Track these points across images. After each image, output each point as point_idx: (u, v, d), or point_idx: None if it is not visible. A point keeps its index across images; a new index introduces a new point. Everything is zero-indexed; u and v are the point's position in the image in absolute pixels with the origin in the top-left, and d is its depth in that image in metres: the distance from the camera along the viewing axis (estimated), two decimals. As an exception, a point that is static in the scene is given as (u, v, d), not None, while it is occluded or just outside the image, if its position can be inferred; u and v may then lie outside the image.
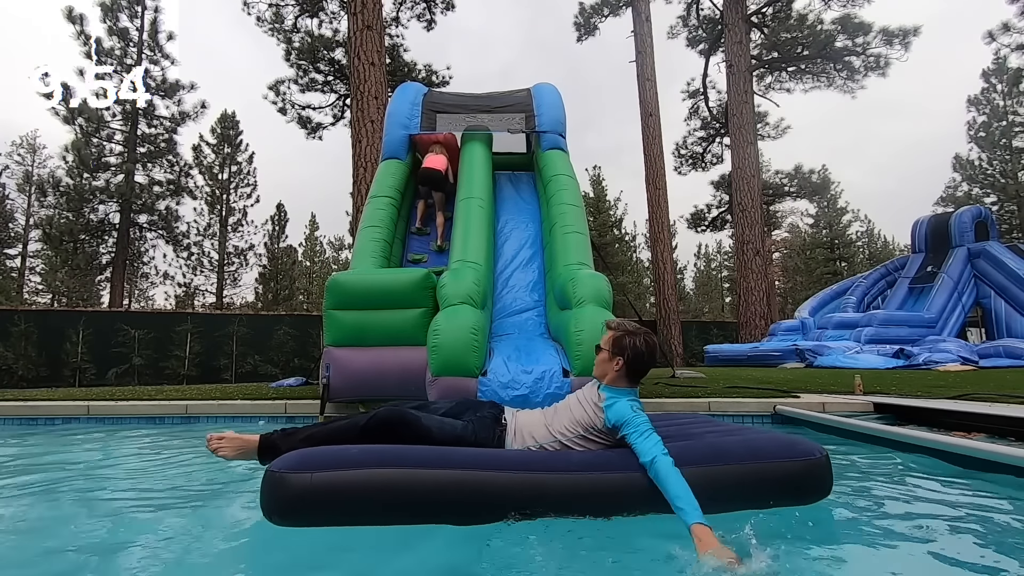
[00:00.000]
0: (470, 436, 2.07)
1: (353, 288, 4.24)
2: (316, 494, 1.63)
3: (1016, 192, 25.52)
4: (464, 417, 2.19)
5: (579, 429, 2.06)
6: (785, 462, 1.87)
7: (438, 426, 2.06)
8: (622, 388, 2.07)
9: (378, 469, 1.70)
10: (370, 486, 1.67)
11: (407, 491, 1.69)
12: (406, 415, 2.04)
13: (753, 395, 4.84)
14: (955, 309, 13.34)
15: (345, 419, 2.09)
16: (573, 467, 1.84)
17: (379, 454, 1.76)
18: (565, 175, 5.59)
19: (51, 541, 1.76)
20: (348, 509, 1.67)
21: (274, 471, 1.67)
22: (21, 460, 3.15)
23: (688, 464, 1.79)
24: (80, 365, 11.85)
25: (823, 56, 20.36)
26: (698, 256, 43.74)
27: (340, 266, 33.81)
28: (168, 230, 21.09)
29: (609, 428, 2.00)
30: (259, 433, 2.10)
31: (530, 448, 2.08)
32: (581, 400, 2.14)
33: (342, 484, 1.66)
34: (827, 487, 1.90)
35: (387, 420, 2.01)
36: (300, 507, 1.64)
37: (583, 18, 22.58)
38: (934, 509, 2.00)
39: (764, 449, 1.92)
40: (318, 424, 2.17)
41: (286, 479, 1.64)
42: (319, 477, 1.65)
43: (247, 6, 17.97)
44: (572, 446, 2.06)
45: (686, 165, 26.31)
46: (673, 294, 17.56)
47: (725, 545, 1.50)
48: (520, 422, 2.19)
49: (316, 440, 1.98)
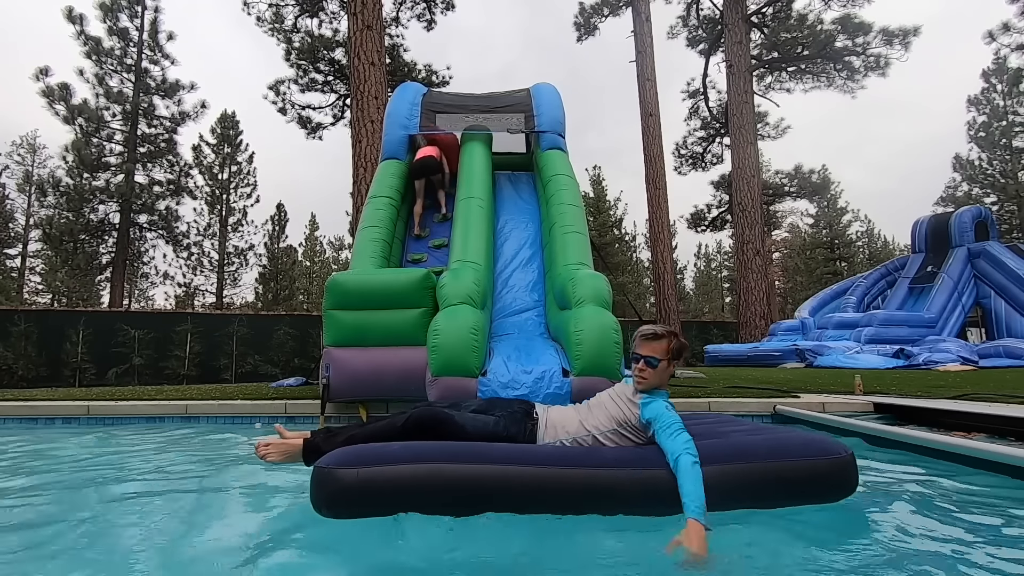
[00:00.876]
0: (502, 431, 2.15)
1: (353, 288, 4.23)
2: (362, 488, 1.74)
3: (1016, 192, 25.51)
4: (494, 413, 2.25)
5: (613, 424, 2.14)
6: (811, 460, 1.90)
7: (471, 422, 2.14)
8: (661, 390, 2.17)
9: (420, 464, 1.80)
10: (413, 480, 1.77)
11: (448, 485, 1.77)
12: (440, 413, 2.14)
13: (753, 395, 4.84)
14: (955, 309, 13.34)
15: (383, 420, 2.20)
16: (614, 463, 1.89)
17: (420, 450, 1.87)
18: (565, 175, 5.58)
19: (51, 541, 1.75)
20: (392, 502, 1.76)
21: (323, 467, 1.78)
22: (21, 460, 3.14)
23: (715, 462, 1.84)
24: (80, 365, 11.85)
25: (823, 56, 20.36)
26: (698, 256, 43.76)
27: (340, 266, 33.81)
28: (168, 230, 21.08)
29: (644, 424, 2.07)
30: (300, 437, 2.20)
31: (562, 442, 2.15)
32: (614, 397, 2.22)
33: (386, 478, 1.76)
34: (852, 485, 1.94)
35: (423, 419, 2.11)
36: (347, 500, 1.75)
37: (583, 18, 22.58)
38: (934, 509, 2.00)
39: (790, 448, 1.96)
40: (357, 425, 2.27)
41: (335, 474, 1.75)
42: (365, 472, 1.75)
43: (247, 6, 17.97)
44: (605, 441, 2.13)
45: (686, 165, 26.32)
46: (673, 294, 17.55)
47: (708, 551, 1.54)
48: (552, 417, 2.25)
49: (357, 440, 2.07)
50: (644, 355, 2.15)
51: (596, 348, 3.47)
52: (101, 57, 18.87)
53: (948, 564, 1.50)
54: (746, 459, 1.90)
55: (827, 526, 1.83)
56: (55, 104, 17.95)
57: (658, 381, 2.16)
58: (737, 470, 1.86)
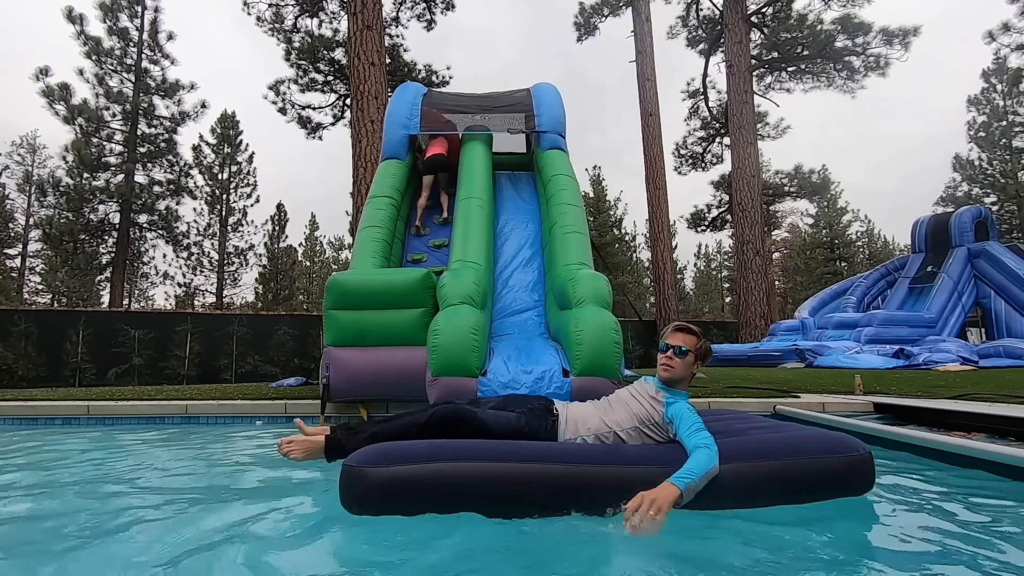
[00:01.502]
0: (524, 427, 2.16)
1: (353, 288, 4.23)
2: (391, 486, 1.76)
3: (1016, 192, 25.51)
4: (514, 410, 2.27)
5: (635, 422, 2.16)
6: (830, 458, 1.93)
7: (493, 419, 2.16)
8: (683, 391, 2.22)
9: (448, 463, 1.81)
10: (441, 478, 1.78)
11: (477, 483, 1.79)
12: (463, 410, 2.17)
13: (753, 395, 4.84)
14: (955, 309, 13.34)
15: (405, 417, 2.21)
16: (643, 461, 1.91)
17: (449, 448, 1.89)
18: (565, 175, 5.58)
19: (51, 541, 1.75)
20: (420, 499, 1.77)
21: (352, 465, 1.79)
22: (21, 460, 3.15)
23: (736, 460, 1.86)
24: (80, 365, 11.84)
25: (823, 56, 20.37)
26: (698, 256, 43.77)
27: (340, 266, 33.80)
28: (168, 230, 21.09)
29: (667, 422, 2.10)
30: (321, 434, 2.20)
31: (584, 439, 2.17)
32: (636, 395, 2.24)
33: (415, 476, 1.77)
34: (870, 482, 1.96)
35: (447, 415, 2.13)
36: (376, 498, 1.76)
37: (583, 18, 22.60)
38: (934, 509, 2.00)
39: (809, 445, 1.98)
40: (380, 422, 2.26)
41: (364, 472, 1.76)
42: (394, 470, 1.77)
43: (247, 6, 17.98)
44: (626, 438, 2.15)
45: (686, 165, 26.33)
46: (673, 294, 17.56)
47: (664, 516, 1.62)
48: (572, 413, 2.27)
49: (380, 437, 2.07)
50: (674, 344, 2.18)
51: (596, 348, 3.46)
52: (101, 57, 18.87)
53: (948, 564, 1.50)
54: (768, 457, 1.93)
55: (827, 526, 1.83)
56: (55, 104, 17.96)
57: (683, 374, 2.19)
58: (759, 468, 1.89)
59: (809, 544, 1.66)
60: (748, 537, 1.71)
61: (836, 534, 1.79)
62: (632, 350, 15.93)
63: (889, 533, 1.76)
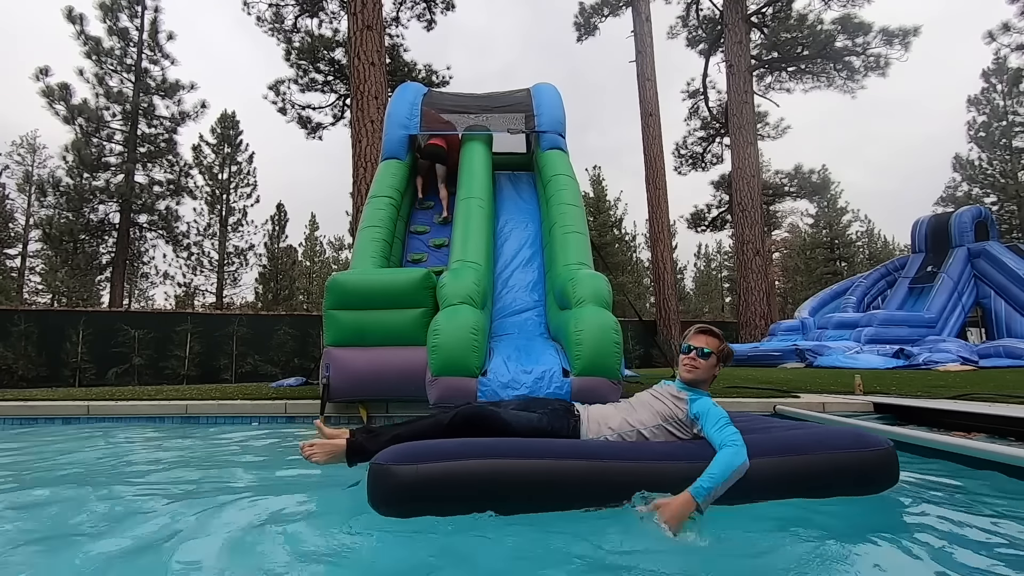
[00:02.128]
0: (546, 427, 2.18)
1: (353, 288, 4.23)
2: (422, 484, 1.74)
3: (1016, 192, 25.51)
4: (535, 410, 2.29)
5: (659, 420, 2.18)
6: (855, 452, 1.95)
7: (515, 420, 2.18)
8: (705, 390, 2.24)
9: (478, 460, 1.81)
10: (472, 476, 1.78)
11: (508, 480, 1.79)
12: (485, 410, 2.19)
13: (753, 395, 4.84)
14: (955, 309, 13.33)
15: (427, 419, 2.23)
16: (671, 457, 1.92)
17: (479, 446, 1.89)
18: (565, 175, 5.58)
19: (51, 541, 1.75)
20: (451, 497, 1.76)
21: (381, 464, 1.78)
22: (21, 460, 3.14)
23: (763, 455, 1.87)
24: (80, 365, 11.84)
25: (823, 56, 20.36)
26: (698, 256, 43.76)
27: (340, 266, 33.80)
28: (168, 230, 21.08)
29: (691, 419, 2.11)
30: (342, 437, 2.20)
31: (607, 438, 2.18)
32: (657, 395, 2.26)
33: (445, 474, 1.76)
34: (895, 476, 1.99)
35: (470, 416, 2.15)
36: (407, 496, 1.74)
37: (583, 18, 22.58)
38: (934, 509, 1.99)
39: (834, 440, 2.00)
40: (402, 424, 2.27)
41: (393, 471, 1.74)
42: (424, 468, 1.75)
43: (247, 6, 17.97)
44: (650, 437, 2.17)
45: (686, 165, 26.31)
46: (673, 294, 17.56)
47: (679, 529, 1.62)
48: (593, 413, 2.29)
49: (403, 439, 2.07)
50: (697, 345, 2.20)
51: (596, 348, 3.47)
52: (101, 57, 18.87)
53: (947, 563, 1.50)
54: (795, 451, 1.94)
55: (827, 526, 1.83)
56: (55, 104, 17.95)
57: (706, 375, 2.21)
58: (787, 462, 1.90)
59: (809, 544, 1.66)
60: (748, 535, 1.71)
61: (836, 533, 1.78)
62: (632, 350, 15.93)
63: (888, 532, 1.76)
